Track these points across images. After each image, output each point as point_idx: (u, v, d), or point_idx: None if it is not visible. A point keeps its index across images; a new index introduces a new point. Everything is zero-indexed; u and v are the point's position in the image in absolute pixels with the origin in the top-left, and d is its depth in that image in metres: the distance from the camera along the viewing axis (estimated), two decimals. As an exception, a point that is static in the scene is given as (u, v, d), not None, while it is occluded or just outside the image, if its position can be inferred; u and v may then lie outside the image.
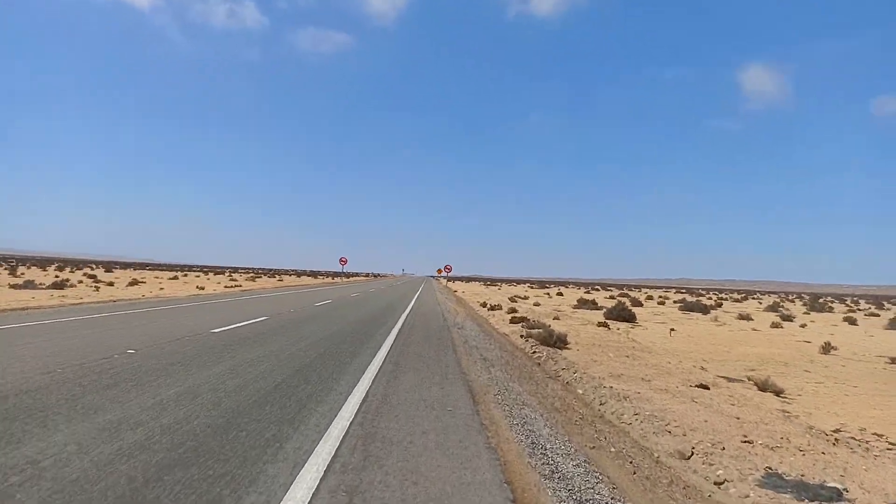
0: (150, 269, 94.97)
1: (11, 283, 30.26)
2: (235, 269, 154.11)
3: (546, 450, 5.16)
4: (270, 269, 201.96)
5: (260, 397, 6.20)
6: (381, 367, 9.01)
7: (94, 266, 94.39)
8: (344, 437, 4.94)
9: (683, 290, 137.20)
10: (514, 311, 25.73)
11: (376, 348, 11.23)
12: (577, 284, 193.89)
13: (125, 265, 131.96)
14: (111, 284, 36.33)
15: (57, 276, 38.87)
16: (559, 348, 13.90)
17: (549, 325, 18.76)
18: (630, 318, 25.67)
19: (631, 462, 5.50)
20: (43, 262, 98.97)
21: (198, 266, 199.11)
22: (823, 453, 6.25)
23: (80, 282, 37.76)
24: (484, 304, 31.14)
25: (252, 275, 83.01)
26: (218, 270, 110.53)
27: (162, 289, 33.86)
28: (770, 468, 5.57)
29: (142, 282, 41.78)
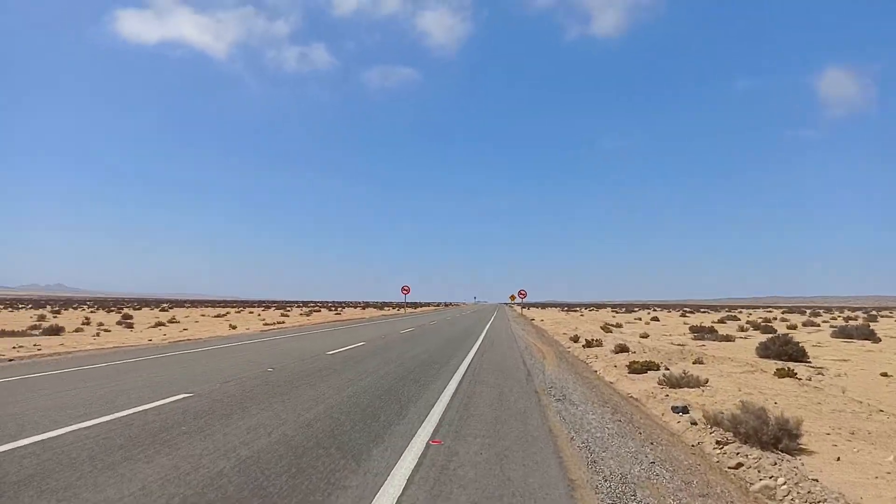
0: (206, 306, 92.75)
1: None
2: (304, 303, 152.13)
3: None
4: (337, 301, 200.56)
5: None
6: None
7: (135, 306, 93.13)
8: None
9: (786, 310, 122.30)
10: (623, 348, 18.15)
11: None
12: (660, 306, 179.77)
13: (174, 302, 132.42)
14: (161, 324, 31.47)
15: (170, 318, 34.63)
16: (788, 452, 6.48)
17: (705, 381, 11.30)
18: (799, 356, 17.48)
19: None
20: (116, 304, 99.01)
21: (265, 301, 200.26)
22: None
23: (171, 321, 33.23)
24: (575, 339, 23.64)
25: (308, 308, 78.27)
26: (280, 305, 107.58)
27: (185, 329, 28.52)
28: None
29: (169, 322, 36.92)
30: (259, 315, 51.16)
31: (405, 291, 61.35)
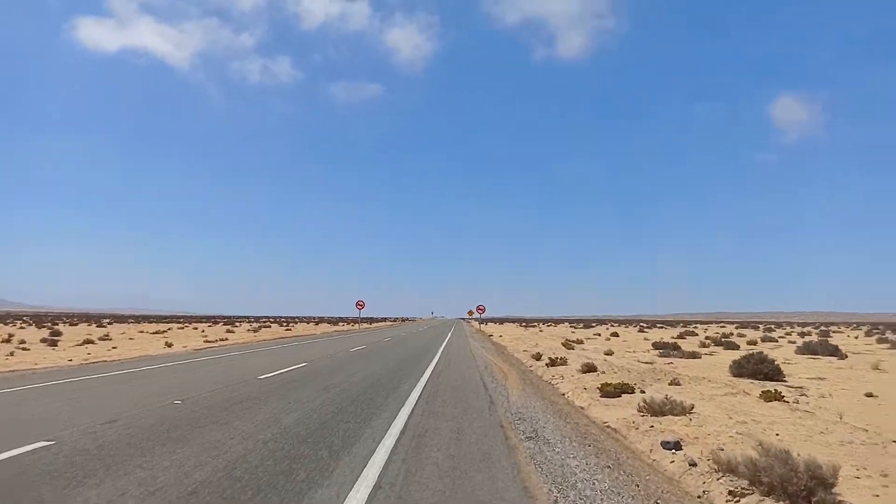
0: (152, 321, 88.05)
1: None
2: (256, 319, 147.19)
3: None
4: (291, 317, 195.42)
5: None
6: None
7: (96, 322, 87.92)
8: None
9: (738, 325, 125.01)
10: (590, 367, 16.79)
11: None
12: (616, 321, 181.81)
13: (119, 317, 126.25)
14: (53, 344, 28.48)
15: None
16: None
17: (690, 407, 9.95)
18: (774, 375, 16.49)
19: None
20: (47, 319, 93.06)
21: (215, 316, 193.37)
22: None
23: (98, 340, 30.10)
24: (538, 357, 22.22)
25: (258, 324, 74.94)
26: (230, 320, 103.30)
27: (114, 348, 25.86)
28: None
29: (101, 339, 33.92)
30: (203, 331, 48.14)
31: (360, 306, 59.16)
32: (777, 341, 44.20)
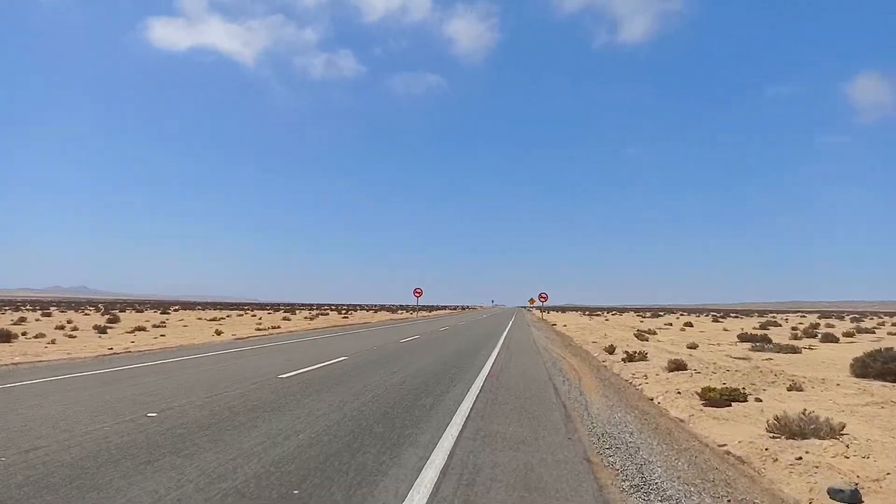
0: (217, 308, 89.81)
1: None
2: (318, 307, 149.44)
3: None
4: (352, 304, 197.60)
5: None
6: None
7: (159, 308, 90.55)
8: None
9: (821, 314, 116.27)
10: (678, 365, 14.22)
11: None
12: (682, 310, 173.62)
13: (188, 304, 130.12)
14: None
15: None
16: None
17: (840, 427, 7.44)
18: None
19: None
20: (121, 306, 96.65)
21: (281, 304, 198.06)
22: None
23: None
24: (611, 350, 19.68)
25: (316, 312, 74.80)
26: (293, 308, 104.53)
27: (162, 335, 25.10)
28: None
29: (157, 326, 33.61)
30: (260, 319, 47.87)
31: (417, 294, 57.74)
32: (874, 333, 39.51)
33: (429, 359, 15.17)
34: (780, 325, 49.40)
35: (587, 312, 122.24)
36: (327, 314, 66.37)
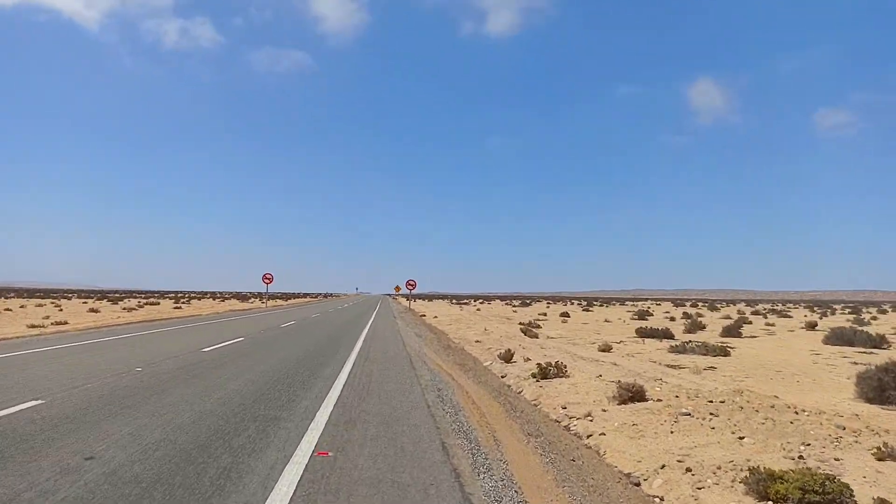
0: (18, 296, 73.78)
1: None
2: (153, 293, 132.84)
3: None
4: (210, 292, 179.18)
5: None
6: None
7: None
8: None
9: (677, 301, 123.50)
10: (635, 392, 9.02)
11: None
12: (545, 299, 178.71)
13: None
14: None
15: None
16: None
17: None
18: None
19: None
20: None
21: (130, 291, 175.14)
22: None
23: None
24: (507, 357, 14.33)
25: (145, 301, 63.03)
26: (114, 296, 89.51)
27: None
28: None
29: None
30: (61, 309, 37.34)
31: (267, 280, 49.69)
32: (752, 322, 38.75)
33: (244, 379, 8.98)
34: (652, 314, 48.24)
35: (455, 301, 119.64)
36: (158, 304, 55.85)
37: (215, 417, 6.64)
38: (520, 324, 30.79)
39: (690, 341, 18.97)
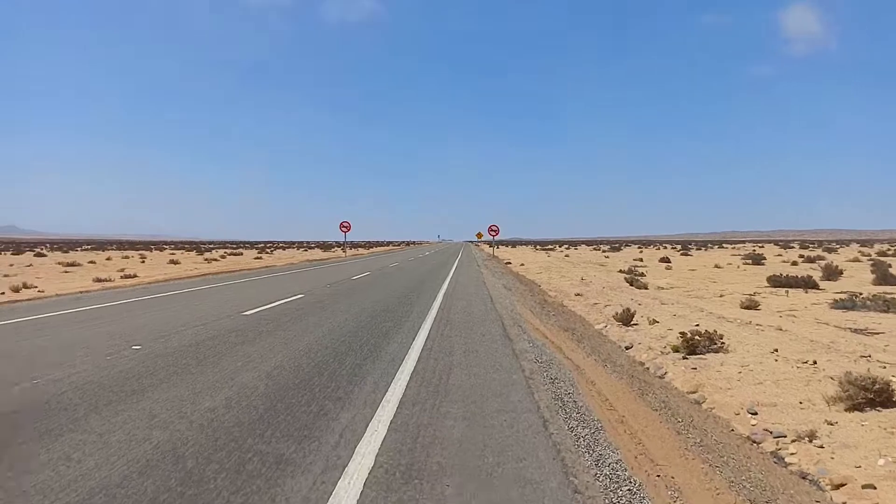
0: (118, 248, 77.45)
1: None
2: (243, 245, 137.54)
3: None
4: (288, 242, 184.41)
5: None
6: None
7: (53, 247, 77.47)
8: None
9: (801, 244, 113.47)
10: (873, 391, 5.66)
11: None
12: (634, 242, 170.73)
13: (104, 244, 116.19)
14: None
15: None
16: None
17: None
18: None
19: None
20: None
21: (194, 242, 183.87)
22: None
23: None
24: (626, 319, 11.11)
25: (229, 252, 63.69)
26: (204, 247, 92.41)
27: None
28: None
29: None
30: (144, 260, 37.52)
31: (345, 229, 48.30)
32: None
33: (310, 338, 6.79)
34: (766, 258, 42.59)
35: (539, 247, 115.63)
36: (241, 254, 56.15)
37: (310, 360, 4.01)
38: (620, 271, 27.12)
39: (855, 293, 14.82)
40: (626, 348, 9.18)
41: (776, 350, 8.00)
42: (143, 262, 39.62)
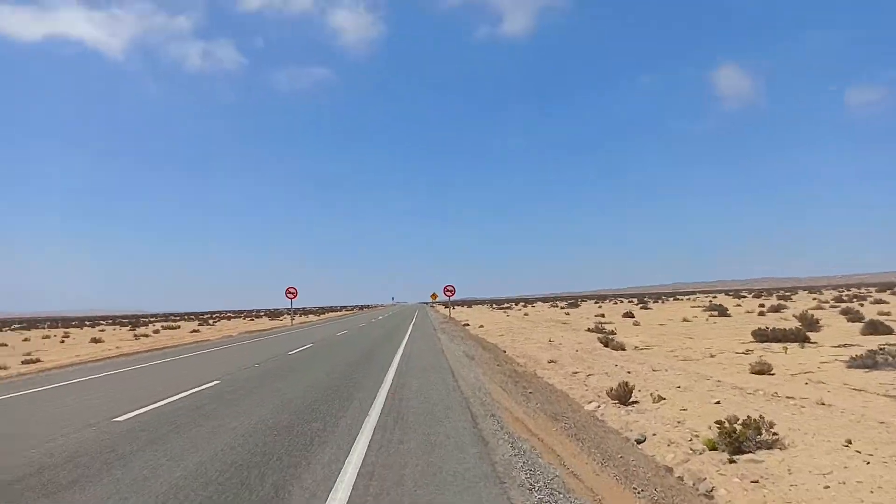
0: (71, 325, 70.87)
1: None
2: (199, 315, 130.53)
3: None
4: (239, 311, 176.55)
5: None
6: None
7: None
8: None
9: (705, 294, 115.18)
10: None
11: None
12: (587, 298, 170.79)
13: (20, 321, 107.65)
14: None
15: None
16: None
17: None
18: None
19: None
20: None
21: (123, 316, 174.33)
22: None
23: None
24: (623, 395, 8.87)
25: (166, 324, 58.51)
26: (135, 320, 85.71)
27: None
28: None
29: None
30: (61, 342, 33.26)
31: (291, 295, 45.03)
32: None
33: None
34: (728, 309, 41.68)
35: (495, 305, 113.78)
36: (178, 327, 51.78)
37: None
38: (588, 329, 25.11)
39: (879, 349, 13.01)
40: (638, 442, 6.89)
41: (849, 442, 5.86)
42: (63, 342, 35.53)
